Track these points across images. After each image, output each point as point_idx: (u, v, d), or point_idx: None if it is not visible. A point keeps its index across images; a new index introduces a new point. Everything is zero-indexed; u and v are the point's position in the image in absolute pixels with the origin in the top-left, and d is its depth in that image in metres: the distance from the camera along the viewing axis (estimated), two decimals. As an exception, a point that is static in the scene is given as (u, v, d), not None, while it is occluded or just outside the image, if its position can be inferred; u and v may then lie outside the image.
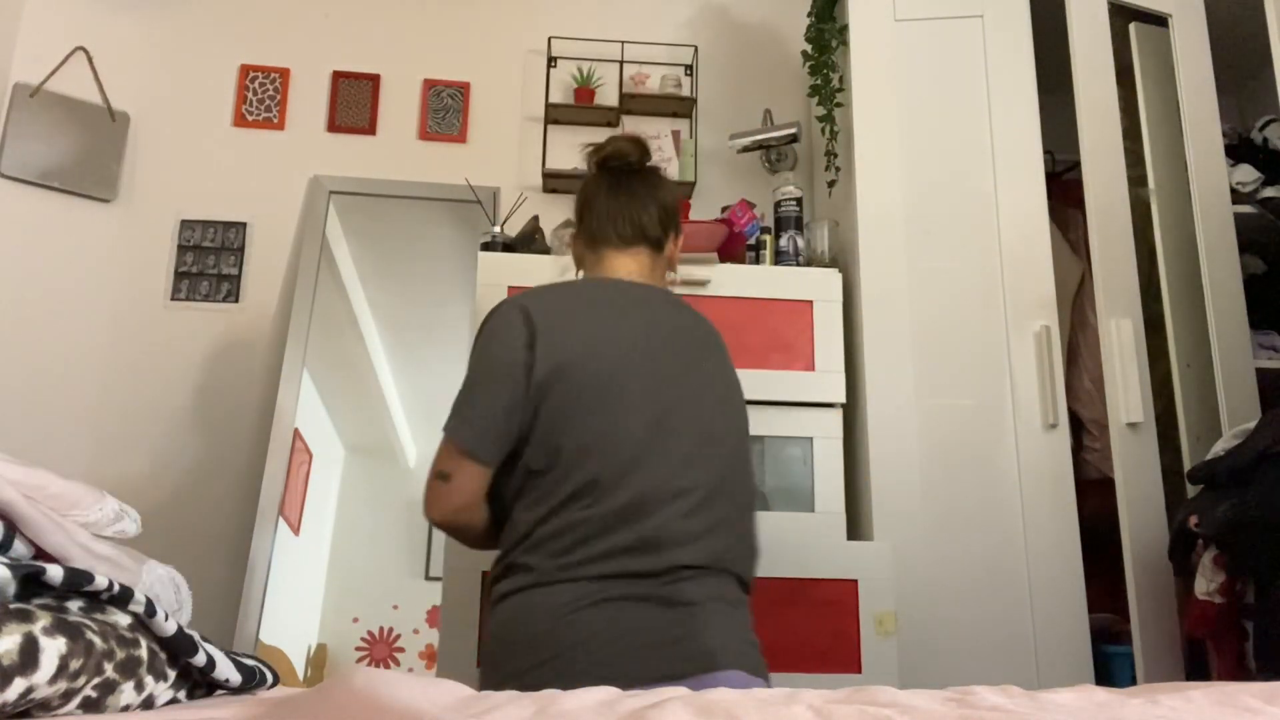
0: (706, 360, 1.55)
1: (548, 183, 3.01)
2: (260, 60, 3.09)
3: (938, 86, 2.51)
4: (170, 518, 2.70)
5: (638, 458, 1.39)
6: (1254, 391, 2.33)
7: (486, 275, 2.33)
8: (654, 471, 1.39)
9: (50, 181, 2.83)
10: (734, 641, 1.37)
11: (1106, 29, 2.45)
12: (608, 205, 1.62)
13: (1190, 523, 1.93)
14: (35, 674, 0.70)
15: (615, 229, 1.61)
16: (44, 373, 2.75)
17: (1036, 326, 2.32)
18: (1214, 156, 2.49)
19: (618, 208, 1.61)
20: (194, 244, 2.94)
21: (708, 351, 1.56)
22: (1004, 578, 2.20)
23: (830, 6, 2.73)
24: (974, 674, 2.08)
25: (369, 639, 2.61)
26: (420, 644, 2.61)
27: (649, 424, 1.41)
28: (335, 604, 2.65)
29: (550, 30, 3.12)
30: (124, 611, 0.88)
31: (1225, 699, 0.81)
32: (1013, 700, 0.84)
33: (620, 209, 1.61)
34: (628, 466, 1.38)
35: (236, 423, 2.81)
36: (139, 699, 0.84)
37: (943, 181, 2.46)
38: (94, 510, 1.08)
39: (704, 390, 1.51)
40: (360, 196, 3.00)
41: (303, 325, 2.83)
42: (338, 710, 0.74)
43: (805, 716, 0.75)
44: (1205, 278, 2.37)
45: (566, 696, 0.86)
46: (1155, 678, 2.05)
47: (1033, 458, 2.27)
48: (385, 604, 2.64)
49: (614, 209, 1.61)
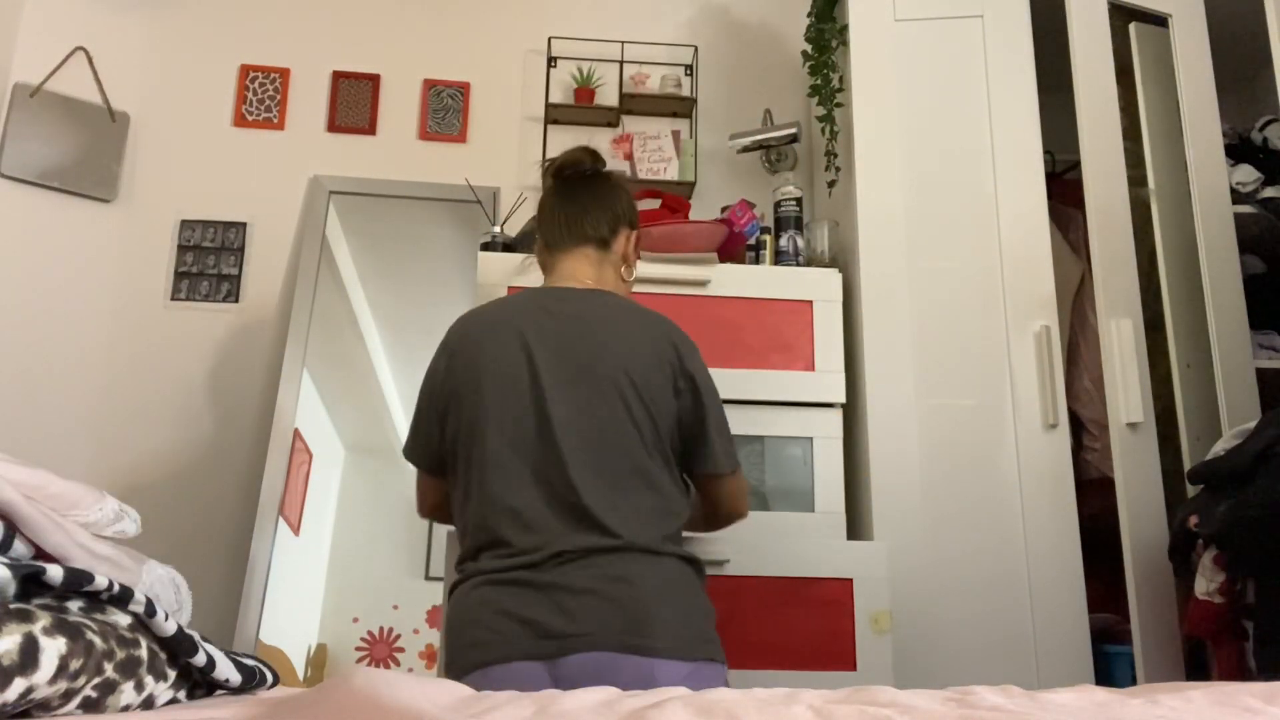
0: (602, 350, 1.55)
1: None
2: (260, 60, 3.09)
3: (938, 86, 2.51)
4: (170, 518, 2.70)
5: (500, 465, 1.48)
6: (1254, 391, 2.33)
7: (486, 275, 2.33)
8: (515, 479, 1.47)
9: (50, 181, 2.83)
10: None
11: (1106, 29, 2.45)
12: (558, 211, 1.73)
13: (1190, 523, 1.93)
14: (35, 674, 0.70)
15: (564, 232, 1.71)
16: (44, 373, 2.75)
17: (1036, 326, 2.32)
18: (1214, 156, 2.49)
19: (566, 213, 1.72)
20: (194, 244, 2.94)
21: (606, 337, 1.56)
22: (1004, 578, 2.20)
23: (830, 6, 2.73)
24: (974, 674, 2.08)
25: (369, 639, 2.61)
26: (420, 644, 2.61)
27: (509, 434, 1.50)
28: (335, 604, 2.65)
29: (550, 30, 3.12)
30: (124, 611, 0.88)
31: (1225, 699, 0.82)
32: (1013, 700, 0.84)
33: (568, 213, 1.71)
34: (492, 478, 1.48)
35: (236, 423, 2.81)
36: (139, 699, 0.84)
37: (943, 181, 2.46)
38: (94, 510, 1.08)
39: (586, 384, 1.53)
40: (360, 196, 3.00)
41: (303, 325, 2.83)
42: (338, 710, 0.74)
43: (805, 716, 0.75)
44: (1205, 278, 2.37)
45: (566, 697, 0.86)
46: (1155, 678, 2.05)
47: (1033, 458, 2.27)
48: (385, 604, 2.64)
49: (563, 214, 1.72)
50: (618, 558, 1.41)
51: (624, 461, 1.48)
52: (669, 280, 2.33)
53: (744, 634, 2.10)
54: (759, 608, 2.12)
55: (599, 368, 1.52)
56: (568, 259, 1.69)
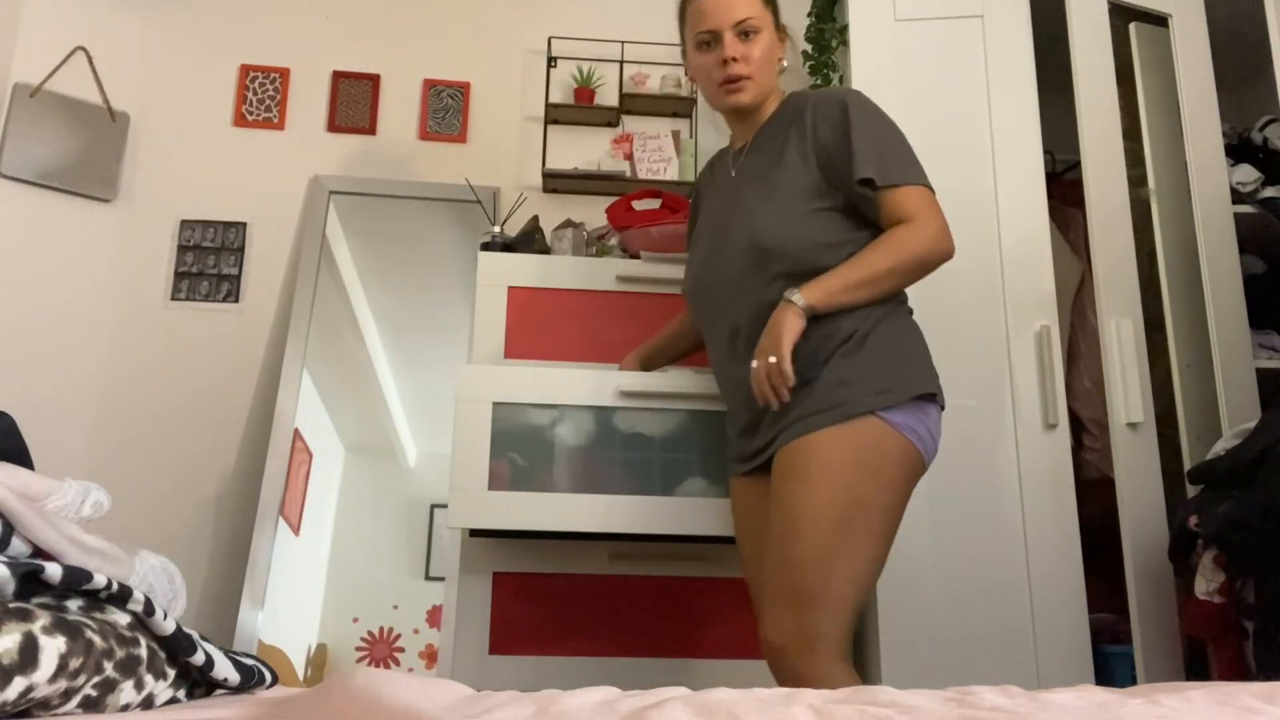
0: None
1: (548, 183, 3.01)
2: (260, 60, 3.09)
3: (938, 86, 2.50)
4: (170, 518, 2.70)
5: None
6: (1254, 391, 2.33)
7: (486, 275, 2.33)
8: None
9: (50, 181, 2.83)
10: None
11: (1106, 29, 2.45)
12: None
13: (1190, 523, 1.93)
14: (35, 673, 0.70)
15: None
16: (44, 373, 2.75)
17: (1036, 326, 2.32)
18: (1214, 156, 2.49)
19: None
20: (194, 244, 2.94)
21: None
22: (1004, 578, 2.20)
23: (830, 6, 2.73)
24: (974, 674, 2.07)
25: (369, 639, 2.61)
26: (420, 644, 2.61)
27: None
28: (335, 604, 2.65)
29: (550, 30, 3.12)
30: (123, 610, 0.88)
31: (1225, 699, 0.82)
32: (1013, 700, 0.84)
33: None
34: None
35: (236, 423, 2.81)
36: (139, 698, 0.84)
37: (943, 181, 2.45)
38: (57, 497, 1.08)
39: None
40: (360, 196, 3.00)
41: (303, 325, 2.83)
42: (338, 710, 0.74)
43: (805, 716, 0.75)
44: (1205, 278, 2.37)
45: (566, 696, 0.86)
46: (1155, 678, 2.05)
47: (1033, 458, 2.27)
48: (385, 604, 2.64)
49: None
50: None
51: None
52: (669, 280, 2.32)
53: (747, 628, 2.10)
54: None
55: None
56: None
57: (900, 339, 1.65)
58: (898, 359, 1.62)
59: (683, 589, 2.16)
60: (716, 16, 1.72)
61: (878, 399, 1.55)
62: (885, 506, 1.54)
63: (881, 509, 1.54)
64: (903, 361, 1.62)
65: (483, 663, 2.08)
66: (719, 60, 1.72)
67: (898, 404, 1.56)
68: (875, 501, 1.52)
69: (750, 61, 1.72)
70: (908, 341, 1.66)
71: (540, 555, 2.14)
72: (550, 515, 1.95)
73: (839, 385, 1.56)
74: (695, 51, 1.77)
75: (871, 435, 1.54)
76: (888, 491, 1.54)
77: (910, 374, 1.61)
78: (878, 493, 1.52)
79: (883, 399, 1.55)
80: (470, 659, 2.08)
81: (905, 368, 1.62)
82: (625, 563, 2.16)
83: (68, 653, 0.73)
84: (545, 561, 2.14)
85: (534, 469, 1.99)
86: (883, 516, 1.54)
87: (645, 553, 2.15)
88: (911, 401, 1.58)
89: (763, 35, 1.74)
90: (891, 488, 1.55)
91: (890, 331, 1.63)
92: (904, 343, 1.65)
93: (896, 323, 1.66)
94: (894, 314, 1.67)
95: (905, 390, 1.58)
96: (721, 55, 1.72)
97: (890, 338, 1.63)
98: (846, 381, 1.56)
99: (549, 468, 2.00)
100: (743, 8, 1.72)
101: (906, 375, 1.61)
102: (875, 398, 1.55)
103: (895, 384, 1.58)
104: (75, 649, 0.74)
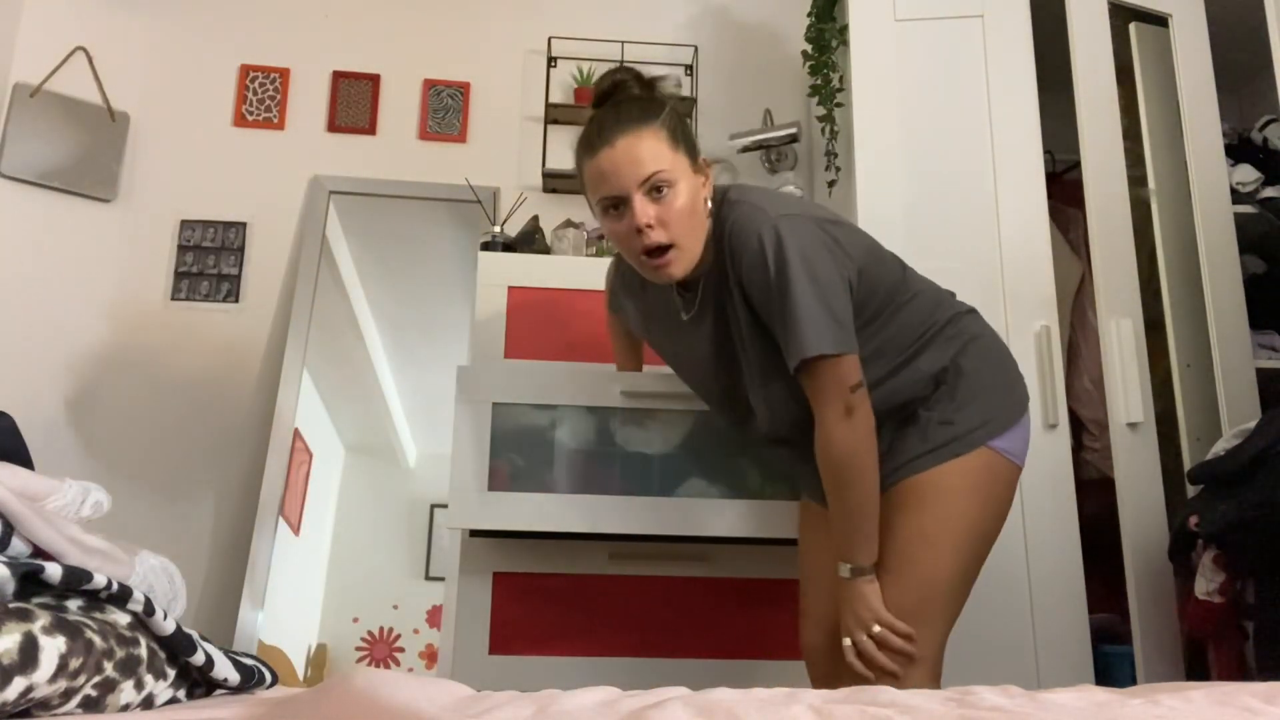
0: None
1: (548, 183, 3.01)
2: (260, 60, 3.09)
3: (938, 86, 2.50)
4: (170, 518, 2.70)
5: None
6: (1254, 391, 2.33)
7: (486, 275, 2.33)
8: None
9: (50, 181, 2.83)
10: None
11: (1106, 29, 2.45)
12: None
13: (1190, 523, 1.93)
14: (35, 673, 0.70)
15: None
16: (44, 373, 2.75)
17: (1036, 326, 2.32)
18: (1214, 156, 2.49)
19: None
20: (194, 244, 2.94)
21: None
22: (1004, 578, 2.20)
23: (830, 6, 2.73)
24: (974, 674, 2.07)
25: (369, 639, 2.61)
26: (420, 644, 2.61)
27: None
28: (335, 604, 2.65)
29: (550, 30, 3.12)
30: (123, 610, 0.88)
31: (1225, 699, 0.82)
32: (1013, 700, 0.84)
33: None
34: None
35: (236, 423, 2.81)
36: (139, 698, 0.84)
37: (943, 181, 2.46)
38: (57, 497, 1.08)
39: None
40: (360, 196, 3.00)
41: (303, 325, 2.83)
42: (338, 710, 0.74)
43: (805, 716, 0.75)
44: (1205, 278, 2.37)
45: (566, 696, 0.86)
46: (1155, 678, 2.05)
47: (1033, 458, 2.25)
48: (385, 604, 2.64)
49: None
50: None
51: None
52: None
53: (750, 628, 2.10)
54: (762, 605, 2.13)
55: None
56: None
57: (988, 361, 1.63)
58: (992, 385, 1.61)
59: (683, 589, 2.16)
60: (619, 179, 1.48)
61: (984, 431, 1.56)
62: (993, 533, 1.59)
63: (989, 536, 1.58)
64: (998, 386, 1.62)
65: (483, 663, 2.08)
66: (632, 229, 1.48)
67: (1002, 430, 1.58)
68: (986, 530, 1.57)
69: (669, 224, 1.47)
70: (993, 360, 1.65)
71: (540, 555, 2.14)
72: (550, 515, 1.95)
73: (943, 425, 1.57)
74: (604, 217, 1.54)
75: (983, 464, 1.56)
76: (995, 521, 1.58)
77: (1008, 396, 1.62)
78: (986, 521, 1.56)
79: (988, 430, 1.56)
80: (470, 659, 2.08)
81: (1002, 391, 1.62)
82: (625, 563, 2.16)
83: (68, 653, 0.73)
84: (545, 561, 2.14)
85: (534, 469, 1.99)
86: (987, 542, 1.58)
87: (645, 553, 2.15)
88: (1013, 422, 1.61)
89: (679, 185, 1.49)
90: (999, 516, 1.59)
91: (978, 354, 1.62)
92: (993, 365, 1.64)
93: (977, 345, 1.64)
94: (967, 333, 1.63)
95: (1007, 416, 1.59)
96: (634, 224, 1.47)
97: (981, 360, 1.61)
98: (951, 420, 1.56)
99: (549, 468, 2.00)
100: (649, 161, 1.47)
101: (1004, 399, 1.61)
102: (982, 430, 1.56)
103: (998, 411, 1.58)
104: (75, 649, 0.74)
